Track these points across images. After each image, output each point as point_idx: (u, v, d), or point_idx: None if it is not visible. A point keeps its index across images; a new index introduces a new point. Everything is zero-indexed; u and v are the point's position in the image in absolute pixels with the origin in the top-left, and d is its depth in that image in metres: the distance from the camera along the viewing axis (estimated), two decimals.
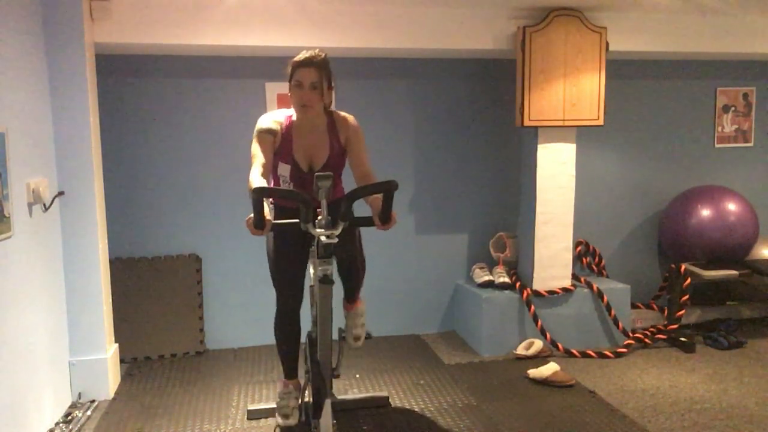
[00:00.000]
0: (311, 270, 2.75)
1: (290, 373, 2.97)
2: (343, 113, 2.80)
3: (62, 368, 3.25)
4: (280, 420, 2.89)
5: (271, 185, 2.77)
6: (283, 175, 2.73)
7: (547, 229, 4.05)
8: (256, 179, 2.49)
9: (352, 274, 2.93)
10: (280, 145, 2.70)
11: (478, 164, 4.45)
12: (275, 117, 2.74)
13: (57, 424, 3.05)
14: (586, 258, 4.58)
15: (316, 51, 2.63)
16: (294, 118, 2.73)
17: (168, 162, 4.02)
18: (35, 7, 3.07)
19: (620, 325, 4.08)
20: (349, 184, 2.80)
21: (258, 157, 2.61)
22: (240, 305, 4.15)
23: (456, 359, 3.92)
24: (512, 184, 4.42)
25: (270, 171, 2.68)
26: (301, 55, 2.61)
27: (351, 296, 3.04)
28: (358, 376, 3.66)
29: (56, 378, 3.15)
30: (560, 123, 3.91)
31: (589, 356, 3.93)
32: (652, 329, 4.25)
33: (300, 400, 2.91)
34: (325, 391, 2.53)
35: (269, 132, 2.68)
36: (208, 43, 3.59)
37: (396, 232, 3.99)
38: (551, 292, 4.04)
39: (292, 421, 2.86)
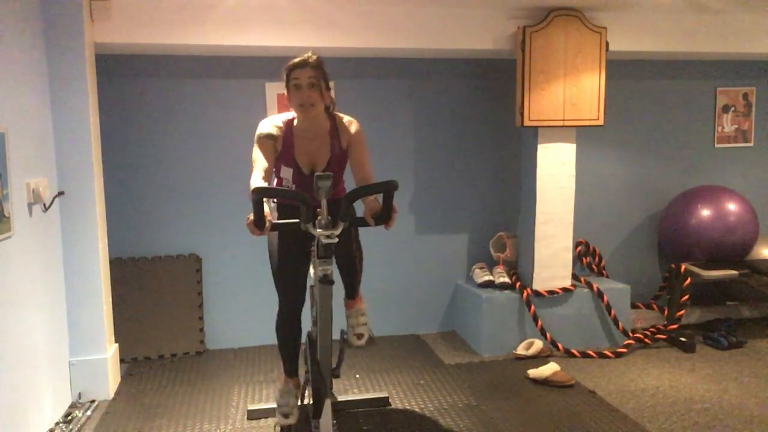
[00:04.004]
0: (311, 270, 2.75)
1: (291, 370, 2.97)
2: (346, 117, 2.79)
3: (62, 368, 3.25)
4: (280, 419, 2.89)
5: (274, 185, 2.77)
6: (285, 177, 2.74)
7: (547, 229, 4.05)
8: (257, 182, 2.49)
9: (351, 268, 2.93)
10: (281, 149, 2.70)
11: (478, 164, 4.45)
12: (275, 122, 2.74)
13: (57, 424, 3.05)
14: (586, 258, 4.59)
15: (309, 53, 2.64)
16: (295, 122, 2.73)
17: (168, 162, 4.02)
18: (35, 7, 3.07)
19: (620, 325, 4.08)
20: (349, 185, 2.80)
21: (259, 161, 2.61)
22: (240, 305, 4.15)
23: (456, 359, 3.92)
24: (512, 184, 4.42)
25: (271, 175, 2.68)
26: (295, 59, 2.62)
27: (351, 292, 3.03)
28: (358, 376, 3.66)
29: (56, 378, 3.15)
30: (560, 123, 3.91)
31: (589, 356, 3.93)
32: (652, 329, 4.25)
33: (299, 400, 2.91)
34: (325, 391, 2.53)
35: (269, 137, 2.68)
36: (208, 43, 3.59)
37: (396, 232, 3.99)
38: (551, 292, 4.04)
39: (292, 420, 2.87)
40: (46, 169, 3.12)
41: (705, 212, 4.28)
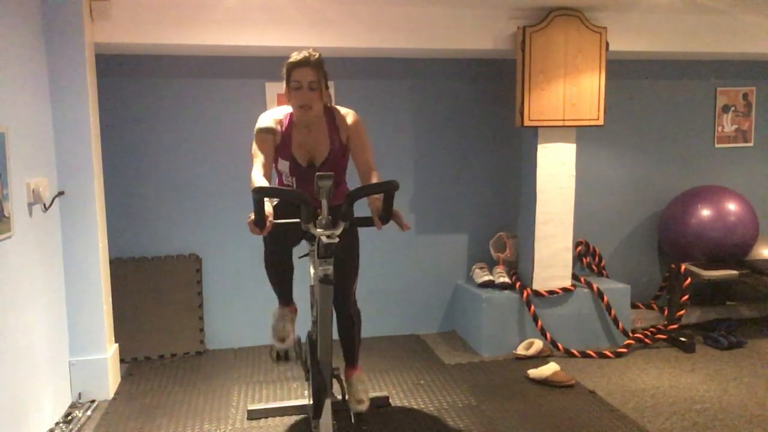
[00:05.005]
0: (311, 270, 2.74)
1: (285, 299, 2.93)
2: (343, 110, 2.78)
3: (62, 368, 3.25)
4: (275, 342, 2.86)
5: (275, 181, 2.77)
6: (283, 170, 2.74)
7: (547, 229, 4.05)
8: (258, 178, 2.49)
9: (349, 333, 2.92)
10: (280, 143, 2.71)
11: (478, 164, 4.45)
12: (275, 115, 2.74)
13: (57, 424, 3.05)
14: (586, 258, 4.58)
15: (310, 51, 2.61)
16: (294, 116, 2.73)
17: (168, 162, 4.02)
18: (35, 7, 3.07)
19: (620, 325, 4.08)
20: (351, 183, 2.80)
21: (259, 156, 2.62)
22: (240, 305, 4.15)
23: (456, 359, 3.92)
24: (512, 184, 4.42)
25: (271, 170, 2.68)
26: (296, 56, 2.59)
27: (351, 358, 3.00)
28: None
29: (56, 378, 3.14)
30: (560, 123, 3.91)
31: (589, 356, 3.93)
32: (652, 329, 4.25)
33: (294, 326, 2.90)
34: (325, 391, 2.53)
35: (269, 131, 2.68)
36: (208, 43, 3.59)
37: (396, 232, 3.98)
38: (551, 292, 4.04)
39: (287, 344, 2.85)
40: (46, 169, 3.12)
41: (705, 212, 4.28)
